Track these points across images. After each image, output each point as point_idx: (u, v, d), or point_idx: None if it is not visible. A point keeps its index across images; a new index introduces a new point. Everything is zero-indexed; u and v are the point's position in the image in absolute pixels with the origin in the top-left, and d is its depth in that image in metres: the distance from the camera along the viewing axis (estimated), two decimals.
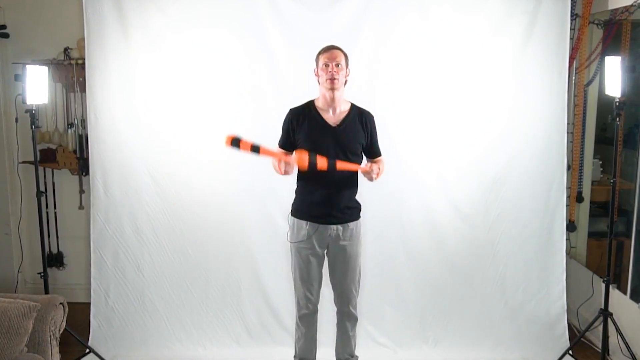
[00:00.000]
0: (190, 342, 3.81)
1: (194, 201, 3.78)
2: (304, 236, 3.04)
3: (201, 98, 3.73)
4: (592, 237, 4.35)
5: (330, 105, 2.99)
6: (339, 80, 2.91)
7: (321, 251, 3.09)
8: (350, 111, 3.03)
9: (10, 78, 3.78)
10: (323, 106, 3.01)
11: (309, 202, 3.03)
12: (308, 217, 3.03)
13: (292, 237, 3.09)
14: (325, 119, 2.99)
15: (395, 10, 3.65)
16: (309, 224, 3.03)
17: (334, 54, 2.92)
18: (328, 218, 3.01)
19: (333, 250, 3.08)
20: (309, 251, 3.05)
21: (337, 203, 2.99)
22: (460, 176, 3.77)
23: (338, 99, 2.98)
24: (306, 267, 3.09)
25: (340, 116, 3.00)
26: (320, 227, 3.02)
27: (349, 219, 3.04)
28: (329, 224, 3.01)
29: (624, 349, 3.45)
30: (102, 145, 3.77)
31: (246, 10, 3.66)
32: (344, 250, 3.06)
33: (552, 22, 3.65)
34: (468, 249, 3.81)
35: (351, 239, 3.07)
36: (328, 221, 3.01)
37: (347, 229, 3.05)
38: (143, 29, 3.67)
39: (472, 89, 3.72)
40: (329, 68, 2.90)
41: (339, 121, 2.99)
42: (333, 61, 2.90)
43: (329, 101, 2.98)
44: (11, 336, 2.67)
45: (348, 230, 3.05)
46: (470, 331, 3.83)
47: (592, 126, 4.26)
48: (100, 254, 3.81)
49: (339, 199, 2.99)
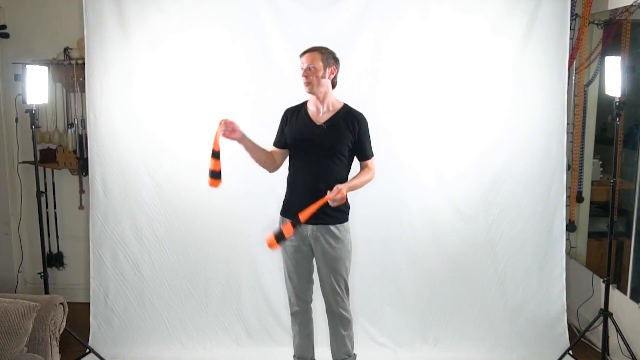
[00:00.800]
0: (190, 342, 3.81)
1: (194, 201, 3.78)
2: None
3: (201, 98, 3.73)
4: (592, 237, 4.35)
5: (317, 105, 3.03)
6: (311, 83, 2.95)
7: (306, 249, 3.07)
8: (339, 111, 3.03)
9: (10, 78, 3.78)
10: (312, 106, 3.06)
11: (291, 200, 3.06)
12: (289, 215, 3.01)
13: None
14: (312, 118, 3.03)
15: (395, 10, 3.65)
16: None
17: (307, 57, 2.97)
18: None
19: (316, 251, 3.06)
20: (293, 249, 3.07)
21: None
22: (460, 176, 3.77)
23: (323, 100, 3.01)
24: (292, 265, 3.11)
25: (327, 115, 3.02)
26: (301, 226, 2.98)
27: (329, 220, 2.99)
28: (307, 223, 2.95)
29: (624, 349, 3.45)
30: (102, 145, 3.77)
31: (246, 10, 3.66)
32: (326, 252, 3.03)
33: (552, 22, 3.65)
34: (468, 249, 3.81)
35: (335, 241, 3.01)
36: (306, 220, 2.94)
37: (329, 230, 3.00)
38: (143, 29, 3.67)
39: (472, 88, 3.72)
40: (303, 72, 2.97)
41: (324, 120, 3.01)
42: (306, 64, 2.96)
43: (314, 101, 3.04)
44: (11, 336, 2.67)
45: (330, 232, 3.01)
46: (470, 331, 3.83)
47: (592, 126, 4.26)
48: (99, 254, 3.81)
49: (317, 199, 2.91)
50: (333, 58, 3.00)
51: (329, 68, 2.98)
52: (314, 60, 2.94)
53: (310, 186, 2.97)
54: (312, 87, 2.96)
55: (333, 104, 3.04)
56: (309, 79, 2.95)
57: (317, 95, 3.00)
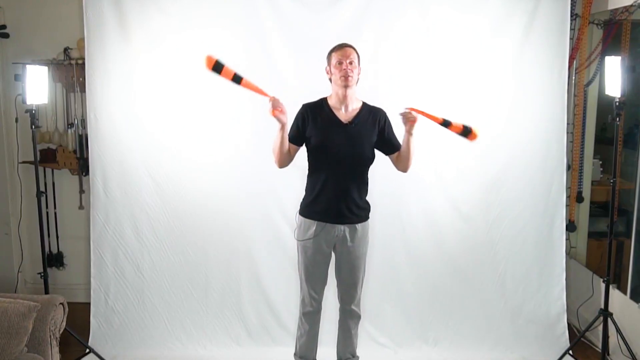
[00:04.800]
0: (190, 342, 3.81)
1: (194, 201, 3.78)
2: (311, 235, 3.02)
3: (201, 98, 3.73)
4: (592, 237, 4.35)
5: (342, 102, 2.99)
6: (352, 78, 2.91)
7: (328, 250, 3.07)
8: (362, 109, 3.03)
9: (10, 78, 3.78)
10: (335, 104, 3.01)
11: (318, 201, 3.01)
12: (315, 216, 3.01)
13: (300, 235, 3.08)
14: (338, 116, 2.99)
15: (395, 11, 3.65)
16: (316, 223, 3.01)
17: (347, 51, 2.92)
18: (335, 218, 2.99)
19: (340, 250, 3.07)
20: (315, 250, 3.04)
21: (346, 203, 2.98)
22: (460, 176, 3.77)
23: (350, 97, 2.98)
24: (312, 266, 3.08)
25: (352, 114, 3.00)
26: (327, 226, 3.00)
27: (356, 220, 3.02)
28: (336, 223, 2.99)
29: (624, 349, 3.45)
30: (102, 145, 3.76)
31: (246, 10, 3.66)
32: (350, 251, 3.05)
33: (552, 22, 3.65)
34: (468, 249, 3.81)
35: (358, 240, 3.05)
36: (335, 221, 2.99)
37: (355, 229, 3.03)
38: (143, 29, 3.67)
39: (472, 89, 3.72)
40: (343, 65, 2.90)
41: (350, 118, 2.99)
42: (347, 59, 2.90)
43: (341, 98, 2.98)
44: (11, 336, 2.67)
45: (355, 231, 3.04)
46: (470, 331, 3.83)
47: (592, 126, 4.26)
48: (100, 254, 3.81)
49: (348, 198, 2.97)
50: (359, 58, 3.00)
51: (360, 67, 2.98)
52: (352, 56, 2.92)
53: (338, 184, 2.96)
54: (352, 81, 2.91)
55: (355, 102, 3.03)
56: (350, 73, 2.90)
57: (348, 92, 2.94)
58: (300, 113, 3.04)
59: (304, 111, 3.03)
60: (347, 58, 2.90)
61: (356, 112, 3.00)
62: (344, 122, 2.97)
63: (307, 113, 3.02)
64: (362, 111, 3.02)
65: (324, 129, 2.97)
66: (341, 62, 2.91)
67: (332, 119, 2.98)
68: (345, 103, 2.98)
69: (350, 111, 3.00)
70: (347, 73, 2.89)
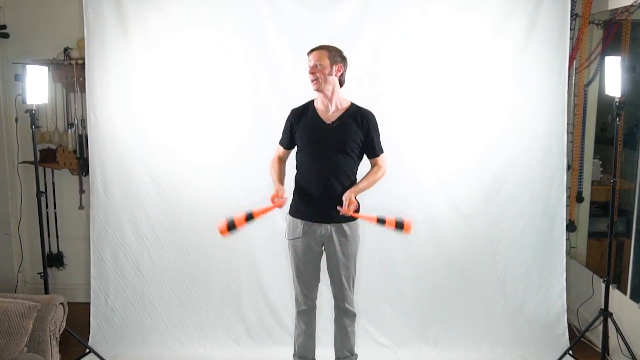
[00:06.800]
0: (190, 342, 3.81)
1: (194, 201, 3.78)
2: (298, 234, 3.08)
3: (201, 98, 3.73)
4: (592, 237, 4.35)
5: (325, 103, 3.04)
6: (317, 80, 2.97)
7: (318, 249, 3.11)
8: (347, 109, 3.05)
9: (10, 78, 3.78)
10: (320, 105, 3.07)
11: (303, 201, 3.07)
12: (302, 215, 3.08)
13: (289, 234, 3.15)
14: (321, 117, 3.04)
15: (396, 10, 3.65)
16: (303, 222, 3.07)
17: (314, 55, 2.99)
18: (320, 217, 3.05)
19: (328, 249, 3.10)
20: (304, 249, 3.09)
21: (330, 203, 3.00)
22: (460, 176, 3.77)
23: (331, 98, 3.02)
24: (302, 264, 3.13)
25: (337, 114, 3.04)
26: (314, 226, 3.06)
27: (342, 219, 3.04)
28: (322, 222, 3.05)
29: (624, 349, 3.45)
30: (102, 145, 3.77)
31: (246, 10, 3.66)
32: (338, 250, 3.08)
33: (552, 22, 3.65)
34: (468, 249, 3.81)
35: (346, 239, 3.07)
36: (321, 220, 3.05)
37: (342, 229, 3.06)
38: (143, 29, 3.67)
39: (472, 88, 3.72)
40: (310, 70, 2.98)
41: (333, 119, 3.02)
42: (311, 62, 2.98)
43: (322, 99, 3.04)
44: (11, 336, 2.67)
45: (343, 230, 3.06)
46: (470, 331, 3.83)
47: (592, 126, 4.27)
48: (100, 254, 3.81)
49: (333, 198, 2.99)
50: (340, 56, 3.02)
51: (336, 66, 2.99)
52: (320, 58, 2.97)
53: (322, 183, 3.01)
54: (318, 84, 2.97)
55: (341, 103, 3.06)
56: (315, 76, 2.96)
57: (325, 93, 3.01)
58: (288, 119, 3.14)
59: (290, 116, 3.13)
60: (313, 61, 2.98)
61: (341, 113, 3.04)
62: (326, 123, 3.02)
63: (293, 118, 3.11)
64: (347, 112, 3.05)
65: (307, 130, 3.05)
66: (309, 66, 2.99)
67: (315, 119, 3.05)
68: (329, 104, 3.03)
69: (335, 112, 3.04)
70: (311, 77, 2.98)
